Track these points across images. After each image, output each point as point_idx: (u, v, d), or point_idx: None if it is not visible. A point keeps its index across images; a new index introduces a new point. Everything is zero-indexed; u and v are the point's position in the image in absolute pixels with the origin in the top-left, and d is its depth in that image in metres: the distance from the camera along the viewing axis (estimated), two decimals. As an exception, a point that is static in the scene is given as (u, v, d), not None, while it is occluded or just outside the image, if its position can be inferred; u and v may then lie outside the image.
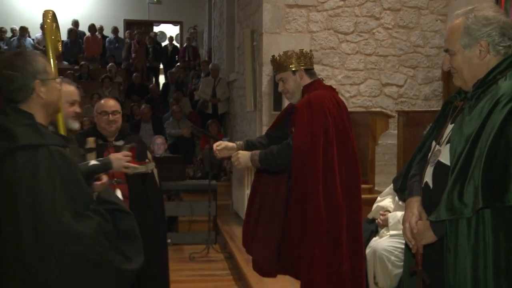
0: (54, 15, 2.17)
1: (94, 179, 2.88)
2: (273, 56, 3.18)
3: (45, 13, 2.11)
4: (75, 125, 2.93)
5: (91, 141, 3.34)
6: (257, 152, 3.05)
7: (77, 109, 2.93)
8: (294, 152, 2.91)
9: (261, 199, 3.33)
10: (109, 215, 1.80)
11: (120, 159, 2.90)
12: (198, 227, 6.76)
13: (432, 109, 6.40)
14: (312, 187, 2.89)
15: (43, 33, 2.25)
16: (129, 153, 2.98)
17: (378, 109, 6.46)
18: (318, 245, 2.90)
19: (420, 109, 6.63)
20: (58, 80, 2.02)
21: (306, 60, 3.09)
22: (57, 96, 1.97)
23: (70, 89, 2.91)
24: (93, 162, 2.85)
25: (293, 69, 3.06)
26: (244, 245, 3.45)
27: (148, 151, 3.74)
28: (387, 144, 6.33)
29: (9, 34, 13.08)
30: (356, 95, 6.83)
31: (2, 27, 12.94)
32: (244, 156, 3.05)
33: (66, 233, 1.66)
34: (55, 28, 2.13)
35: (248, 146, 3.25)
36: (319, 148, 2.88)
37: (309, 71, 3.12)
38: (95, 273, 1.70)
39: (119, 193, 2.05)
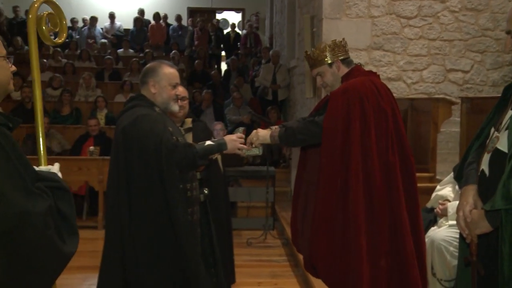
0: (50, 2, 2.12)
1: (209, 159, 2.93)
2: (306, 52, 3.10)
3: (36, 1, 2.09)
4: (175, 108, 2.97)
5: (188, 122, 3.38)
6: (277, 129, 3.00)
7: (178, 91, 2.98)
8: (324, 132, 2.81)
9: (306, 189, 3.14)
10: (50, 193, 1.68)
11: (234, 140, 2.92)
12: (256, 213, 6.84)
13: (498, 95, 6.10)
14: (350, 176, 2.75)
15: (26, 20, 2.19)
16: (242, 135, 2.99)
17: (441, 96, 6.24)
18: (359, 234, 2.74)
19: (485, 95, 6.34)
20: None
21: (340, 50, 3.00)
22: (4, 75, 1.79)
23: (171, 71, 2.93)
24: (208, 142, 2.87)
25: (328, 62, 2.98)
26: (294, 243, 3.24)
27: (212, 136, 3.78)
28: (451, 132, 6.11)
29: (80, 24, 13.62)
30: (419, 82, 6.61)
31: (74, 18, 13.48)
32: (263, 131, 3.01)
33: (17, 213, 1.54)
34: (47, 16, 2.09)
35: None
36: (356, 135, 2.76)
37: (346, 60, 3.02)
38: (40, 255, 1.60)
39: (56, 167, 1.91)
